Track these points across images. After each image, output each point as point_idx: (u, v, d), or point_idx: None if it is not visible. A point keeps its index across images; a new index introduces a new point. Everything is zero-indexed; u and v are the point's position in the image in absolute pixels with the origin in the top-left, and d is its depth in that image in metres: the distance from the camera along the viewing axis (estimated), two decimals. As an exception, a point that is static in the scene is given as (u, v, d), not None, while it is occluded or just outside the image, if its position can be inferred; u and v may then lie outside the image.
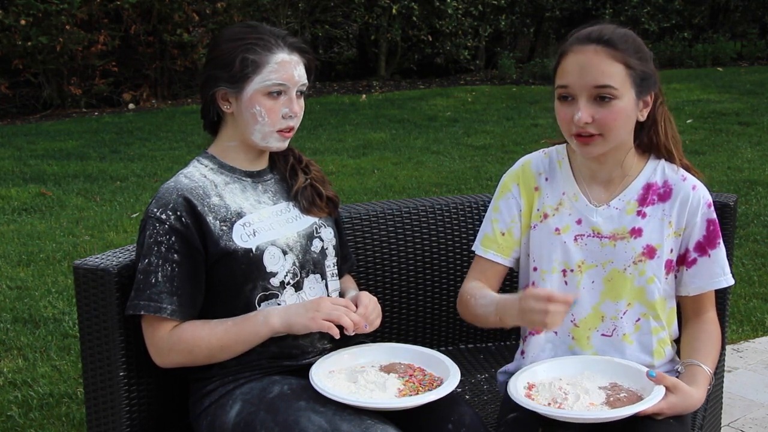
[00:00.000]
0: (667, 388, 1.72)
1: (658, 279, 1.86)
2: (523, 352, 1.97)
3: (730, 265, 1.95)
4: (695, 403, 1.75)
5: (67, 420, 3.01)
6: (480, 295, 1.88)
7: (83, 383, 1.93)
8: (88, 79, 10.32)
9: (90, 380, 1.89)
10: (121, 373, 1.86)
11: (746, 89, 9.97)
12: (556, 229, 1.89)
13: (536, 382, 1.80)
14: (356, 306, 1.90)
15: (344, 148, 7.77)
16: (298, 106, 1.91)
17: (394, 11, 11.47)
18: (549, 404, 1.71)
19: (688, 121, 8.35)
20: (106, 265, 1.85)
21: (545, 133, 7.86)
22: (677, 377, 1.81)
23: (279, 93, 1.88)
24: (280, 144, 1.92)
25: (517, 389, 1.75)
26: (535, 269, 1.92)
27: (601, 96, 1.74)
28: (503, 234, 1.94)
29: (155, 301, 1.79)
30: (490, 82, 11.89)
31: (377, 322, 1.90)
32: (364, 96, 10.80)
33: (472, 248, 2.00)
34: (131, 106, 10.47)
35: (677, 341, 1.96)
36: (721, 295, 2.20)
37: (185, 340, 1.81)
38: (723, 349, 2.22)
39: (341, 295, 2.05)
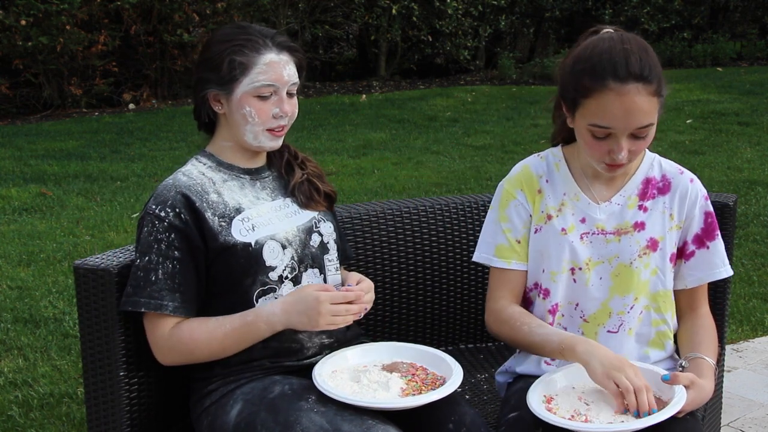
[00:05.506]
0: (684, 386, 1.71)
1: (662, 271, 1.89)
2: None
3: (730, 265, 1.96)
4: (708, 394, 1.75)
5: (68, 420, 3.01)
6: (536, 324, 1.85)
7: (83, 383, 1.93)
8: (88, 79, 10.31)
9: (90, 380, 1.89)
10: (121, 373, 1.86)
11: (746, 89, 9.97)
12: (563, 230, 1.89)
13: (553, 393, 1.76)
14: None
15: (344, 148, 7.77)
16: (289, 106, 1.91)
17: (394, 11, 11.47)
18: (572, 417, 1.67)
19: (688, 121, 8.36)
20: (106, 265, 1.85)
21: (545, 133, 7.83)
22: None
23: (269, 95, 1.88)
24: (272, 143, 1.93)
25: (534, 403, 1.70)
26: (543, 270, 1.91)
27: (640, 133, 1.74)
28: (519, 242, 1.93)
29: (156, 298, 1.79)
30: (490, 82, 11.89)
31: (368, 298, 1.87)
32: (364, 96, 10.80)
33: (486, 263, 1.95)
34: (131, 106, 10.47)
35: (675, 336, 1.97)
36: (720, 294, 2.21)
37: (184, 341, 1.81)
38: (723, 349, 2.22)
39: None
